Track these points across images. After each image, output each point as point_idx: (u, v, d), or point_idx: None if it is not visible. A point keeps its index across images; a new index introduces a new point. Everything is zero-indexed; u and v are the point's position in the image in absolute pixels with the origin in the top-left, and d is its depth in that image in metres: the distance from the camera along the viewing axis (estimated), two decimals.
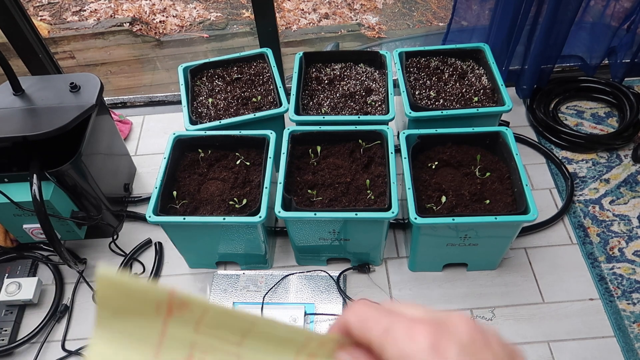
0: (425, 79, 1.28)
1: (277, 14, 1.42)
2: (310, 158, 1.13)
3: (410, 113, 1.14)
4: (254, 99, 1.24)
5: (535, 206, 0.97)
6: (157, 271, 1.22)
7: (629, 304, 1.11)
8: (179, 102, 1.63)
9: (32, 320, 1.15)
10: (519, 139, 1.43)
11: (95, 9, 2.32)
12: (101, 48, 2.17)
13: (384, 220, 1.01)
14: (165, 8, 2.32)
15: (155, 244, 1.27)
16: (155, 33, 2.22)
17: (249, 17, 2.24)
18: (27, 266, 1.22)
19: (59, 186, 1.09)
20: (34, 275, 1.22)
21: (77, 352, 1.09)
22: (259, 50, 1.34)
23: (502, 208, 1.02)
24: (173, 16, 2.27)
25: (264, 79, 1.29)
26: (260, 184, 1.06)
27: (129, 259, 1.23)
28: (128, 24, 2.24)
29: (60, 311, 1.15)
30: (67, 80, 1.19)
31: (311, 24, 2.17)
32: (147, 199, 1.33)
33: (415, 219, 0.97)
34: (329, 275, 1.16)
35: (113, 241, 1.26)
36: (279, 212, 1.00)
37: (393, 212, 0.98)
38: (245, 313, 0.26)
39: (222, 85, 1.29)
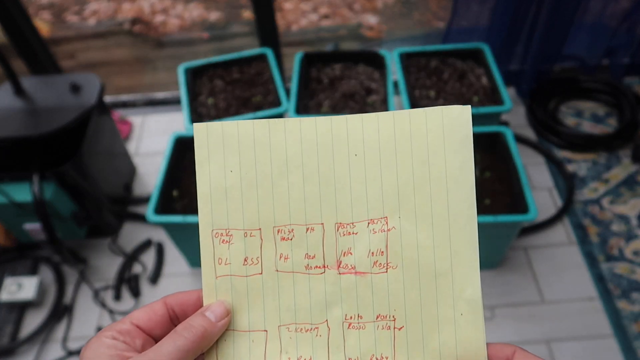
0: (425, 79, 1.28)
1: (277, 14, 1.42)
2: None
3: None
4: (254, 99, 1.24)
5: (535, 206, 0.97)
6: (157, 271, 1.22)
7: (628, 303, 1.11)
8: (179, 102, 1.63)
9: (32, 320, 1.15)
10: (519, 139, 1.43)
11: (96, 9, 2.32)
12: (101, 48, 2.17)
13: None
14: (165, 8, 2.32)
15: (155, 244, 1.27)
16: (156, 33, 2.22)
17: (249, 17, 2.24)
18: (28, 266, 1.23)
19: (60, 186, 1.09)
20: (35, 275, 1.22)
21: (78, 352, 1.10)
22: (259, 50, 1.34)
23: (502, 208, 1.02)
24: (173, 16, 2.27)
25: (264, 79, 1.30)
26: None
27: (129, 259, 1.24)
28: (128, 24, 2.25)
29: (60, 311, 1.16)
30: (67, 80, 1.19)
31: (311, 24, 2.18)
32: (147, 199, 1.33)
33: None
34: None
35: (113, 241, 1.27)
36: None
37: None
38: None
39: (222, 85, 1.29)
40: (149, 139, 1.54)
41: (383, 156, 0.28)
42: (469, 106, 0.28)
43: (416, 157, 0.28)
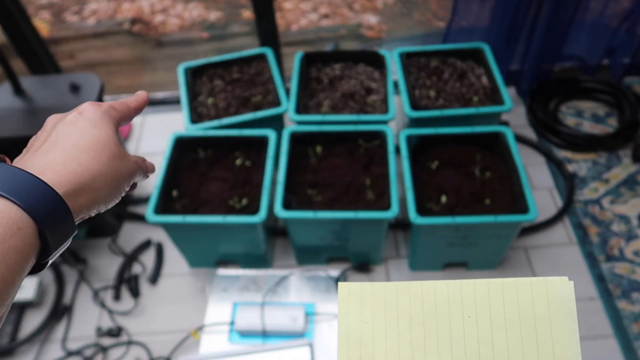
0: (425, 79, 1.28)
1: (277, 14, 1.42)
2: (310, 158, 1.13)
3: (410, 113, 1.14)
4: (253, 99, 1.24)
5: (535, 206, 0.97)
6: (157, 271, 1.22)
7: (628, 303, 1.11)
8: (179, 102, 1.63)
9: (32, 320, 1.15)
10: (519, 138, 1.43)
11: (95, 9, 2.32)
12: (101, 48, 2.17)
13: (383, 220, 1.01)
14: (165, 8, 2.32)
15: (155, 244, 1.27)
16: (155, 33, 2.22)
17: (249, 17, 2.24)
18: None
19: None
20: (34, 275, 1.22)
21: (77, 352, 1.09)
22: (259, 50, 1.34)
23: (502, 208, 1.02)
24: (173, 16, 2.27)
25: (264, 79, 1.30)
26: (260, 183, 1.06)
27: (129, 259, 1.24)
28: (128, 24, 2.25)
29: (60, 311, 1.16)
30: (67, 80, 1.19)
31: (311, 24, 2.17)
32: (147, 199, 1.33)
33: (416, 219, 0.97)
34: (329, 275, 1.16)
35: (113, 241, 1.27)
36: (280, 211, 1.00)
37: (393, 212, 0.98)
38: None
39: (222, 85, 1.29)
40: (149, 139, 1.54)
41: (494, 320, 0.32)
42: (572, 282, 0.31)
43: (524, 324, 0.32)
